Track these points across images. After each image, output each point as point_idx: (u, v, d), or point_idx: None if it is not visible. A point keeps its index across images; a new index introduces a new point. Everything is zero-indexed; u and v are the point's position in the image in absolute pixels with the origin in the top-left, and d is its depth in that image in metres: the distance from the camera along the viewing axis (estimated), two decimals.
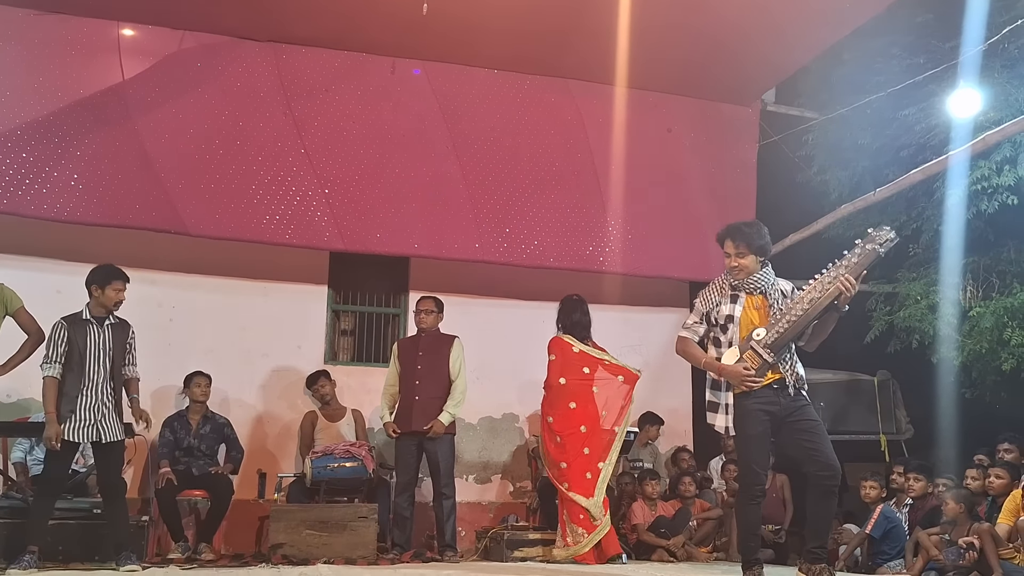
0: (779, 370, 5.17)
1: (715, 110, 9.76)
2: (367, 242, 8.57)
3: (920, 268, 9.28)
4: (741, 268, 5.30)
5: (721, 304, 5.37)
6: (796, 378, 5.21)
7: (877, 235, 5.14)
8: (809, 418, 5.21)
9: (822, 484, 5.17)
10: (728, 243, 5.33)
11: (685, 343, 5.52)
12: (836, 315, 5.18)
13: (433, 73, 8.97)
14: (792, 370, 5.20)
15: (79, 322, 6.38)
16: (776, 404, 5.19)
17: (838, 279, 5.07)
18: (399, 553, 7.45)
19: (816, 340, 5.29)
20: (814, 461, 5.16)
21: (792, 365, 5.21)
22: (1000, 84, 8.21)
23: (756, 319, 5.26)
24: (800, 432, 5.20)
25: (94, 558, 6.57)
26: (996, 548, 5.81)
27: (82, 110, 7.92)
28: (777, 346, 5.13)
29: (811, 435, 5.19)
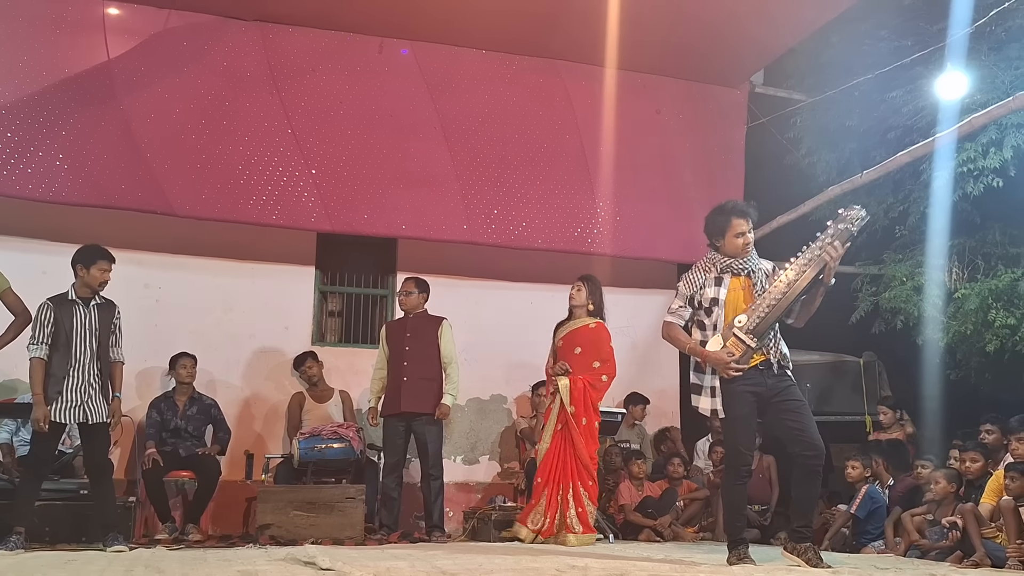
0: (764, 351, 5.20)
1: (704, 92, 9.76)
2: (354, 223, 8.56)
3: (906, 250, 9.30)
4: (751, 245, 5.36)
5: (705, 287, 5.38)
6: (780, 357, 5.25)
7: (848, 214, 5.15)
8: (794, 398, 5.24)
9: (807, 464, 5.20)
10: (740, 221, 5.34)
11: (671, 328, 5.53)
12: (823, 289, 5.20)
13: (421, 53, 8.94)
14: (776, 349, 5.23)
15: (65, 303, 6.36)
16: (762, 385, 5.23)
17: (823, 251, 5.08)
18: (387, 534, 7.48)
19: (805, 316, 5.31)
20: (799, 441, 5.19)
21: (776, 344, 5.24)
22: (987, 67, 8.22)
23: (742, 301, 5.28)
24: (785, 412, 5.23)
25: (81, 539, 6.59)
26: (979, 528, 5.86)
27: (67, 89, 7.87)
28: (759, 331, 5.15)
29: (796, 415, 5.21)
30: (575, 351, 7.36)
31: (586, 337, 7.40)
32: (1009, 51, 8.25)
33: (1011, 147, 7.81)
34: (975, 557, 5.70)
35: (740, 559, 5.11)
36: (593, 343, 7.38)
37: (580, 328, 7.42)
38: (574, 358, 7.34)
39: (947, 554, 6.08)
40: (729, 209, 5.40)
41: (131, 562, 5.32)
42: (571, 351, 7.36)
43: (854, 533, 7.25)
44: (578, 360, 7.32)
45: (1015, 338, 8.25)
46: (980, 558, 5.66)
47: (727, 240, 5.37)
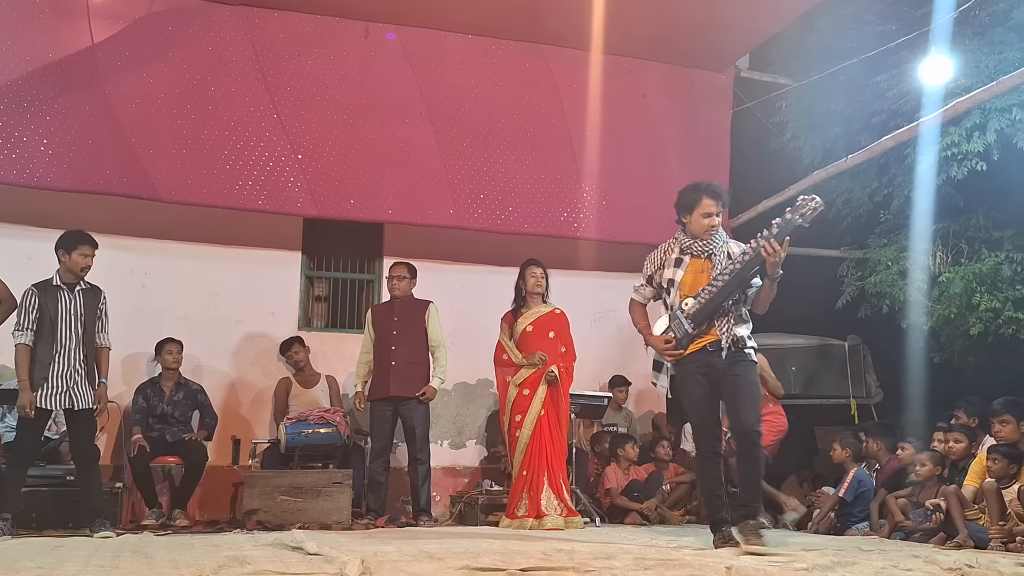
0: (715, 332, 5.20)
1: (689, 76, 9.77)
2: (341, 208, 8.55)
3: (891, 234, 9.34)
4: (719, 227, 5.32)
5: (665, 267, 5.40)
6: (733, 339, 5.19)
7: (801, 205, 5.01)
8: (738, 376, 5.21)
9: (740, 445, 5.22)
10: (709, 201, 5.30)
11: (632, 306, 5.63)
12: (768, 281, 5.12)
13: (407, 38, 8.92)
14: (729, 332, 5.19)
15: (50, 288, 6.35)
16: (711, 366, 5.24)
17: (760, 247, 5.00)
18: (374, 518, 7.50)
19: (760, 305, 5.27)
20: (732, 421, 5.24)
21: (730, 327, 5.20)
22: (971, 51, 8.24)
23: (695, 283, 5.26)
24: (726, 391, 5.24)
25: (68, 525, 6.60)
26: (962, 510, 5.90)
27: (51, 74, 7.82)
28: (698, 317, 5.15)
29: (734, 395, 5.22)
30: (549, 336, 7.42)
31: (556, 323, 7.53)
32: (993, 35, 8.28)
33: (995, 131, 7.83)
34: (958, 539, 5.74)
35: (725, 542, 5.12)
36: (562, 329, 7.52)
37: (548, 314, 7.53)
38: (548, 343, 7.39)
39: (930, 536, 6.11)
40: (703, 188, 5.35)
41: (118, 548, 5.32)
42: (544, 336, 7.42)
43: (839, 515, 7.29)
44: (550, 345, 7.39)
45: (998, 321, 8.30)
46: (963, 539, 5.70)
47: (693, 218, 5.33)
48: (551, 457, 7.24)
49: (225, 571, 3.93)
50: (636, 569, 4.04)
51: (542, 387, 7.30)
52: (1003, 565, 4.42)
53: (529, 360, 7.36)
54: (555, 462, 7.24)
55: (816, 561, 4.47)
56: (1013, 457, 5.90)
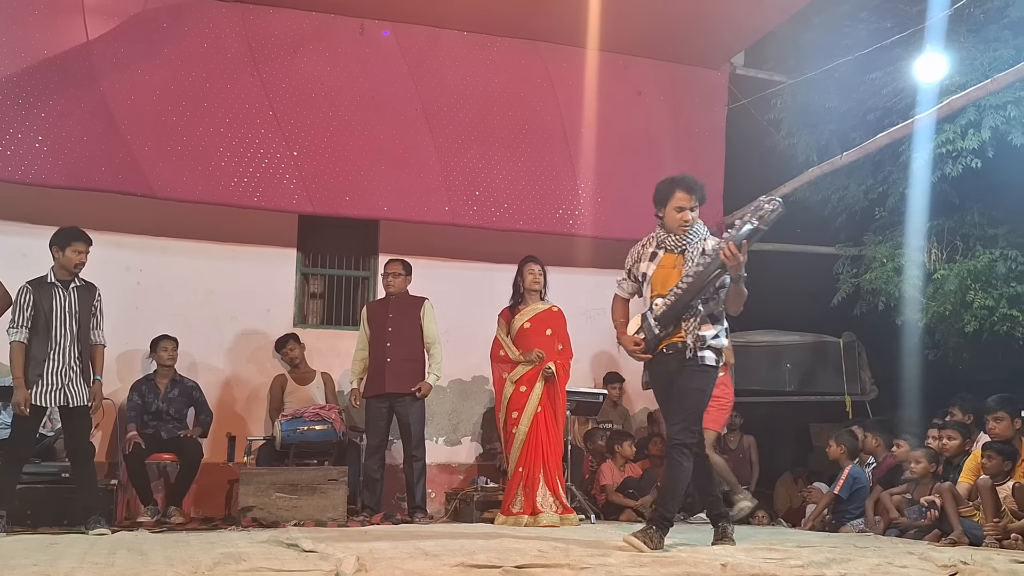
0: (682, 333, 5.10)
1: (685, 73, 9.77)
2: (336, 205, 8.54)
3: (886, 231, 9.35)
4: (693, 222, 5.19)
5: (641, 261, 5.34)
6: (696, 340, 5.06)
7: (759, 208, 4.88)
8: (684, 381, 5.11)
9: (667, 450, 5.14)
10: (682, 195, 5.18)
11: (614, 301, 5.58)
12: (732, 284, 5.01)
13: (402, 35, 8.91)
14: (693, 332, 5.07)
15: (44, 285, 6.35)
16: (668, 367, 5.19)
17: (718, 252, 4.90)
18: (369, 515, 7.51)
19: (731, 307, 5.16)
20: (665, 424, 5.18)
21: (695, 328, 5.07)
22: (965, 48, 8.24)
23: (667, 279, 5.16)
24: (673, 394, 5.16)
25: (63, 522, 6.59)
26: (957, 507, 5.91)
27: (46, 71, 7.79)
28: (665, 318, 5.09)
29: (675, 399, 5.14)
30: (546, 333, 7.44)
31: (553, 320, 7.55)
32: (987, 33, 8.29)
33: (989, 128, 7.84)
34: (953, 535, 5.76)
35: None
36: (559, 326, 7.55)
37: (545, 311, 7.55)
38: (545, 340, 7.41)
39: (925, 532, 6.14)
40: (678, 181, 5.25)
41: (113, 545, 5.32)
42: (542, 333, 7.44)
43: (835, 512, 7.31)
44: (548, 342, 7.41)
45: (993, 319, 8.31)
46: (958, 536, 5.72)
47: (667, 211, 5.22)
48: (547, 454, 7.25)
49: (220, 568, 3.93)
50: (631, 566, 4.05)
51: (539, 384, 7.31)
52: (997, 562, 4.44)
53: (526, 357, 7.37)
54: (551, 459, 7.26)
55: (811, 558, 4.49)
56: (1007, 454, 5.92)
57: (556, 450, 7.34)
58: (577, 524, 7.15)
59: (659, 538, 4.87)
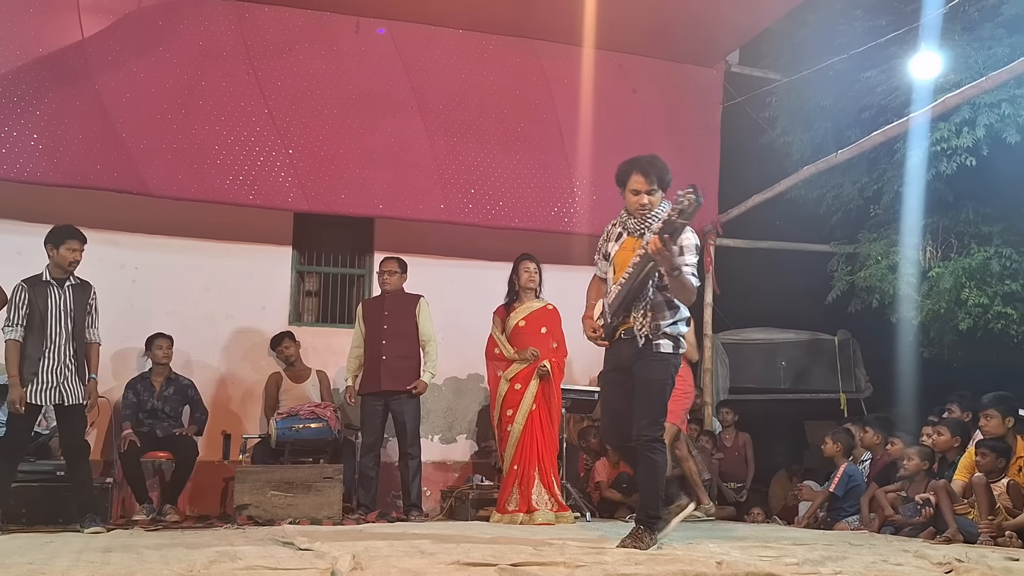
0: (632, 320, 4.98)
1: (680, 71, 9.77)
2: (331, 203, 8.54)
3: (881, 229, 9.36)
4: (651, 205, 4.98)
5: (608, 241, 5.24)
6: (649, 328, 4.93)
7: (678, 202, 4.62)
8: (642, 372, 4.98)
9: (637, 448, 4.98)
10: (638, 178, 5.03)
11: (591, 282, 5.44)
12: (675, 275, 4.79)
13: (398, 33, 8.91)
14: (644, 320, 4.94)
15: (39, 284, 6.35)
16: (622, 356, 5.08)
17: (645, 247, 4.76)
18: (364, 513, 7.51)
19: (678, 296, 4.96)
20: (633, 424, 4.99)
21: (646, 315, 4.94)
22: (960, 47, 8.26)
23: (624, 262, 5.01)
24: (635, 390, 5.03)
25: (58, 520, 6.60)
26: (952, 504, 5.93)
27: (41, 69, 7.78)
28: (613, 307, 5.02)
29: (637, 394, 5.02)
30: (541, 331, 7.44)
31: (548, 318, 7.55)
32: (982, 31, 8.31)
33: (984, 126, 7.86)
34: (947, 533, 5.77)
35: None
36: (554, 324, 7.54)
37: (540, 310, 7.55)
38: (540, 338, 7.42)
39: (920, 530, 6.15)
40: (635, 162, 5.09)
41: (109, 543, 5.32)
42: (537, 332, 7.44)
43: (830, 510, 7.32)
44: (542, 340, 7.41)
45: (987, 316, 8.34)
46: (952, 534, 5.73)
47: (625, 194, 5.09)
48: (542, 452, 7.26)
49: (216, 567, 3.93)
50: (627, 564, 4.06)
51: (534, 382, 7.32)
52: (992, 559, 4.45)
53: (521, 355, 7.37)
54: (546, 457, 7.27)
55: (806, 556, 4.49)
56: (1001, 451, 5.92)
57: (551, 448, 7.35)
58: (573, 522, 7.16)
59: (650, 537, 4.84)
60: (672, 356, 5.03)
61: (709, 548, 4.88)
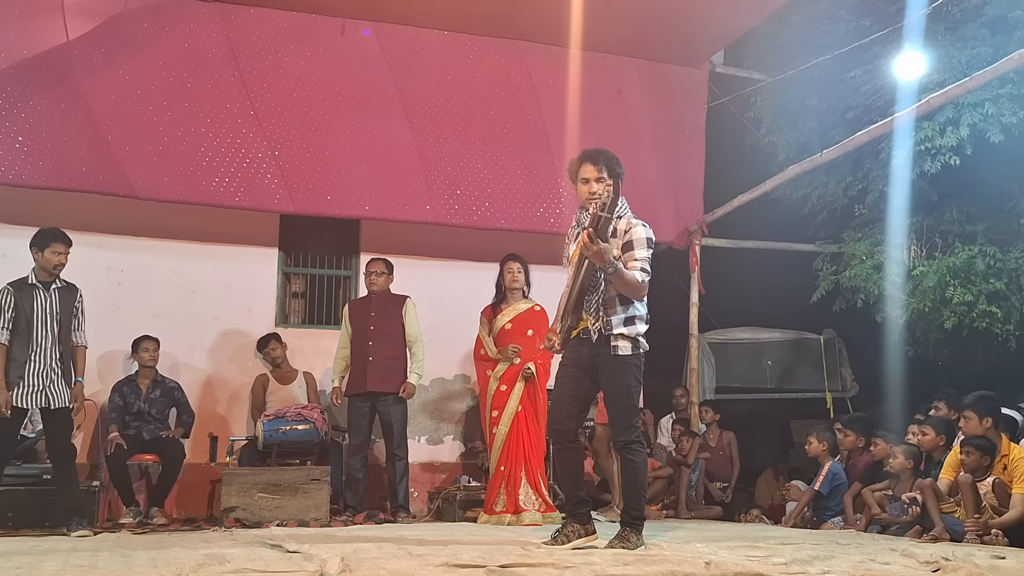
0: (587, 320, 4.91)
1: (664, 72, 9.80)
2: (317, 204, 8.53)
3: (865, 228, 9.40)
4: (599, 195, 4.79)
5: (569, 244, 5.14)
6: (603, 324, 4.86)
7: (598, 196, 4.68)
8: (606, 382, 4.96)
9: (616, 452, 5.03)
10: (587, 166, 4.94)
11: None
12: (610, 272, 4.74)
13: (383, 34, 8.90)
14: (598, 317, 4.87)
15: (25, 287, 6.32)
16: (580, 353, 4.99)
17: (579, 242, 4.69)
18: (352, 515, 7.51)
19: (624, 292, 4.85)
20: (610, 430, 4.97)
21: (598, 313, 4.87)
22: (944, 47, 8.31)
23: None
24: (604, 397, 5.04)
25: (44, 524, 6.58)
26: (938, 503, 5.96)
27: (26, 71, 7.74)
28: (567, 309, 4.91)
29: (607, 402, 5.01)
30: (527, 333, 7.44)
31: (535, 320, 7.55)
32: (965, 31, 8.35)
33: (967, 126, 7.90)
34: (934, 532, 5.80)
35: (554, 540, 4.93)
36: (541, 325, 7.50)
37: (527, 311, 7.57)
38: (526, 340, 7.42)
39: (907, 529, 6.18)
40: (581, 154, 5.03)
41: (96, 546, 5.31)
42: (523, 334, 7.45)
43: (815, 509, 7.35)
44: (529, 342, 7.41)
45: (972, 315, 8.38)
46: (939, 532, 5.76)
47: (576, 186, 5.00)
48: (528, 453, 7.27)
49: (205, 570, 3.93)
50: (616, 564, 4.07)
51: (519, 383, 7.33)
52: (979, 558, 4.47)
53: (503, 353, 7.39)
54: (532, 457, 7.28)
55: (794, 555, 4.51)
56: (986, 450, 5.95)
57: (538, 449, 7.35)
58: (560, 522, 7.13)
59: (636, 537, 4.83)
60: (632, 358, 4.93)
61: (697, 548, 4.90)
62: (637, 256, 4.84)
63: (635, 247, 4.86)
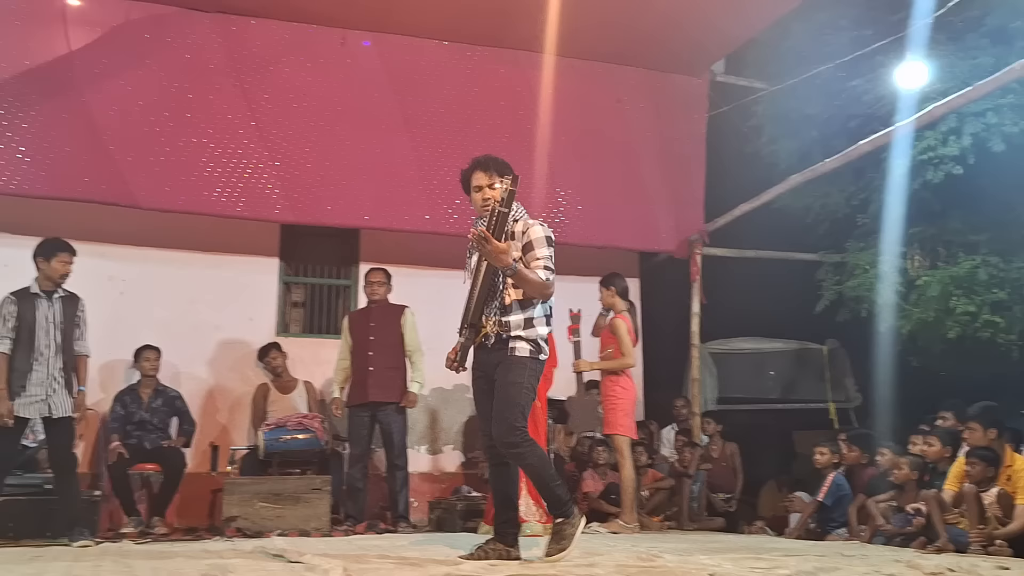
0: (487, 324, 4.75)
1: (665, 81, 9.78)
2: (317, 214, 8.54)
3: (868, 238, 9.38)
4: (493, 197, 4.73)
5: (470, 256, 4.96)
6: (500, 326, 4.72)
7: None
8: (498, 379, 4.74)
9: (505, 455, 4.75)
10: (479, 174, 4.85)
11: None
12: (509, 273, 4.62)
13: (383, 45, 8.92)
14: (496, 322, 4.73)
15: (28, 296, 6.33)
16: (485, 360, 4.84)
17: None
18: (353, 524, 7.49)
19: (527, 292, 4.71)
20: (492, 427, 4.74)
21: (496, 316, 4.73)
22: (946, 56, 8.31)
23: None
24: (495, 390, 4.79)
25: (46, 534, 6.55)
26: (942, 514, 5.94)
27: (28, 81, 7.77)
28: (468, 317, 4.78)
29: (495, 399, 4.74)
30: None
31: None
32: (967, 41, 8.37)
33: (970, 135, 7.91)
34: (939, 542, 5.79)
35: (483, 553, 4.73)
36: None
37: None
38: None
39: (911, 540, 6.16)
40: (472, 161, 4.94)
41: (98, 556, 5.29)
42: None
43: (819, 520, 7.32)
44: None
45: (975, 325, 8.37)
46: (944, 543, 5.75)
47: (471, 196, 4.88)
48: None
49: None
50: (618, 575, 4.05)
51: None
52: (984, 568, 4.46)
53: None
54: None
55: (799, 567, 4.49)
56: (990, 460, 5.94)
57: None
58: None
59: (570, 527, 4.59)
60: (530, 360, 4.73)
61: (701, 560, 4.87)
62: (539, 255, 4.71)
63: (535, 246, 4.73)
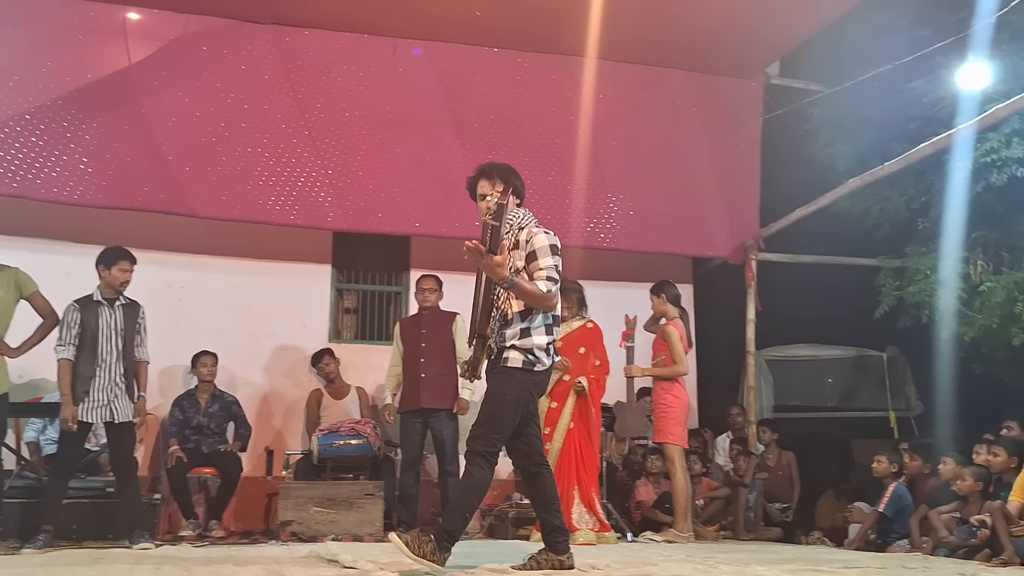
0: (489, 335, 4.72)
1: (719, 84, 9.71)
2: (369, 222, 8.63)
3: (929, 242, 9.15)
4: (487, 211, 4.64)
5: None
6: (499, 339, 4.67)
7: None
8: (487, 385, 4.71)
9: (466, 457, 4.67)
10: (483, 182, 4.84)
11: None
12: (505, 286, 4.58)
13: (433, 53, 8.98)
14: (495, 331, 4.70)
15: (90, 304, 6.44)
16: (488, 370, 4.80)
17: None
18: (405, 530, 7.47)
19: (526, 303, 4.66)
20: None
21: (496, 326, 4.70)
22: (1008, 56, 8.12)
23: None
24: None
25: (107, 536, 6.66)
26: (1008, 526, 5.80)
27: (90, 94, 7.96)
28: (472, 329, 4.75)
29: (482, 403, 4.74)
30: (579, 351, 7.35)
31: (588, 338, 7.44)
32: None
33: None
34: (1004, 555, 5.64)
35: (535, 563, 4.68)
36: (594, 343, 7.43)
37: (579, 329, 7.45)
38: (578, 358, 7.34)
39: (975, 552, 6.01)
40: (477, 169, 4.96)
41: (158, 560, 5.36)
42: (575, 351, 7.34)
43: (880, 532, 7.18)
44: (582, 359, 7.32)
45: None
46: (1009, 556, 5.60)
47: (477, 204, 4.88)
48: (580, 470, 7.17)
49: None
50: None
51: (570, 399, 7.25)
52: None
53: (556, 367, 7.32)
54: (585, 476, 7.18)
55: None
56: None
57: (591, 466, 7.24)
58: (615, 542, 7.08)
59: (432, 547, 4.34)
60: (519, 371, 4.62)
61: (757, 571, 4.82)
62: (542, 264, 4.65)
63: (539, 256, 4.67)
